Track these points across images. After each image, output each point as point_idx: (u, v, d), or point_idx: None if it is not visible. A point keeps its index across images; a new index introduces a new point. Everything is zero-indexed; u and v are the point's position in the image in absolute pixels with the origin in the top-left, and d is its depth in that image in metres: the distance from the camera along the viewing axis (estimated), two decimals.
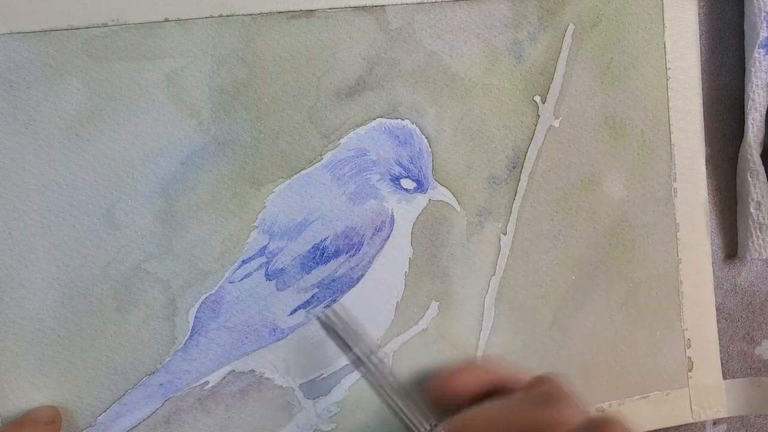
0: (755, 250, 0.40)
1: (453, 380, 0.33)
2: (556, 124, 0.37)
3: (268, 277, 0.33)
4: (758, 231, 0.39)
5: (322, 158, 0.34)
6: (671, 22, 0.38)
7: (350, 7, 0.33)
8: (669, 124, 0.38)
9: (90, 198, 0.31)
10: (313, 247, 0.34)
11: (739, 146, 0.40)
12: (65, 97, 0.31)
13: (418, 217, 0.35)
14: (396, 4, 0.34)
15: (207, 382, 0.33)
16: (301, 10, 0.33)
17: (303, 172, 0.33)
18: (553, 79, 0.36)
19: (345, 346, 0.30)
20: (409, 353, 0.35)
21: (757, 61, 0.38)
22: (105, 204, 0.31)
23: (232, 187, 0.33)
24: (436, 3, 0.34)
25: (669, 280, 0.39)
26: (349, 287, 0.34)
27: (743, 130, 0.39)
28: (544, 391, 0.30)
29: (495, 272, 0.36)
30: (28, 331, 0.31)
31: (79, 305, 0.31)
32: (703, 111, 0.39)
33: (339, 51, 0.33)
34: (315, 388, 0.34)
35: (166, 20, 0.31)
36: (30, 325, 0.31)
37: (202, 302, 0.33)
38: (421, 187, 0.35)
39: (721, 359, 0.40)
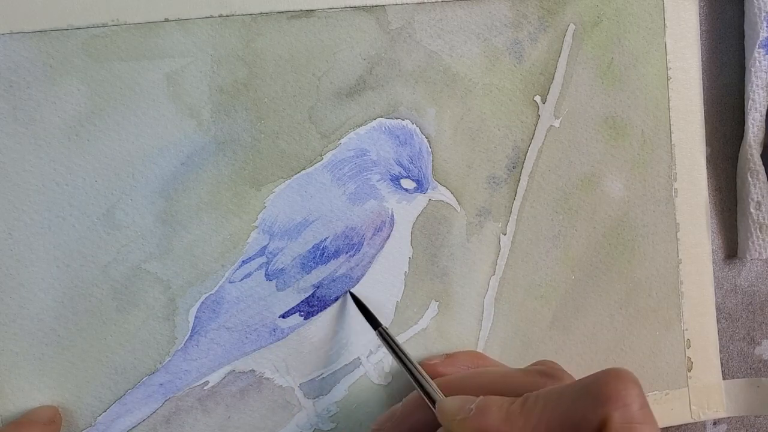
0: (755, 250, 0.40)
1: (450, 360, 0.34)
2: (557, 124, 0.37)
3: (268, 277, 0.33)
4: (758, 231, 0.39)
5: (322, 158, 0.34)
6: (672, 22, 0.38)
7: (350, 7, 0.33)
8: (669, 124, 0.38)
9: (90, 198, 0.31)
10: (313, 247, 0.34)
11: (739, 146, 0.40)
12: (65, 97, 0.31)
13: (418, 217, 0.35)
14: (396, 4, 0.34)
15: (207, 382, 0.33)
16: (301, 10, 0.33)
17: (303, 172, 0.33)
18: (553, 79, 0.36)
19: (373, 319, 0.33)
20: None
21: (757, 61, 0.38)
22: (105, 204, 0.31)
23: (232, 187, 0.33)
24: (436, 3, 0.34)
25: (669, 280, 0.39)
26: (349, 287, 0.34)
27: (743, 130, 0.39)
28: (542, 368, 0.31)
29: (495, 272, 0.36)
30: (28, 331, 0.31)
31: (79, 305, 0.31)
32: (703, 111, 0.39)
33: (339, 51, 0.33)
34: (315, 388, 0.34)
35: (166, 20, 0.31)
36: (30, 325, 0.31)
37: (202, 302, 0.33)
38: (421, 187, 0.35)
39: (721, 359, 0.40)
